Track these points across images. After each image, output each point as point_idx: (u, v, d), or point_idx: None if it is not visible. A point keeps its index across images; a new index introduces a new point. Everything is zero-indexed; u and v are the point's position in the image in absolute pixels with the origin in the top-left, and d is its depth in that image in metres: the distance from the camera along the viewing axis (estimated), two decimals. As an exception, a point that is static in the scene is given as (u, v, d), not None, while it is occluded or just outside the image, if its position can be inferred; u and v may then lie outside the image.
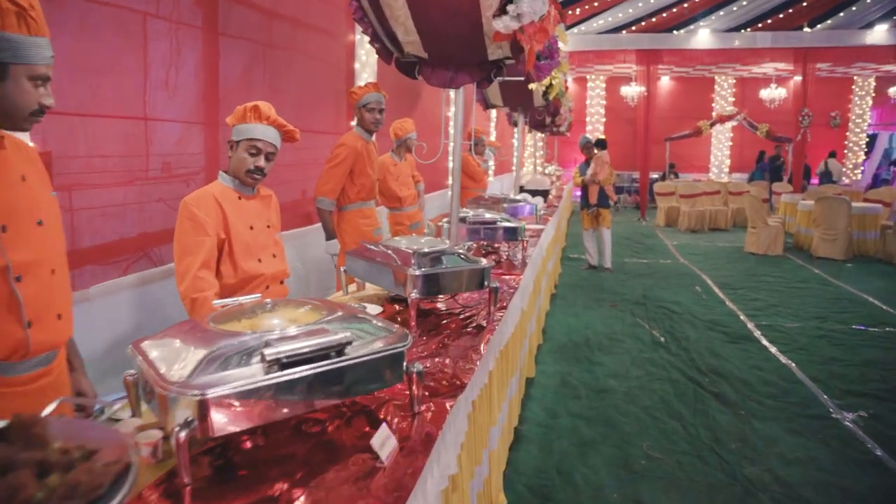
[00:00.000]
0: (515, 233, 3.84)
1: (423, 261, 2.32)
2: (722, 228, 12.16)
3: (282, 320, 1.45)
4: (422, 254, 2.35)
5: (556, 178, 12.29)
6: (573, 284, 6.86)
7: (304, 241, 4.39)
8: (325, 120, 4.89)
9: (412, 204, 5.35)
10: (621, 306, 5.89)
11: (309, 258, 4.52)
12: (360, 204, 3.68)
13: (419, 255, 2.34)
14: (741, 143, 17.69)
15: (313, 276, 4.45)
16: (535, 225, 5.35)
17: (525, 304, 3.34)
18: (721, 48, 12.66)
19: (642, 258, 8.77)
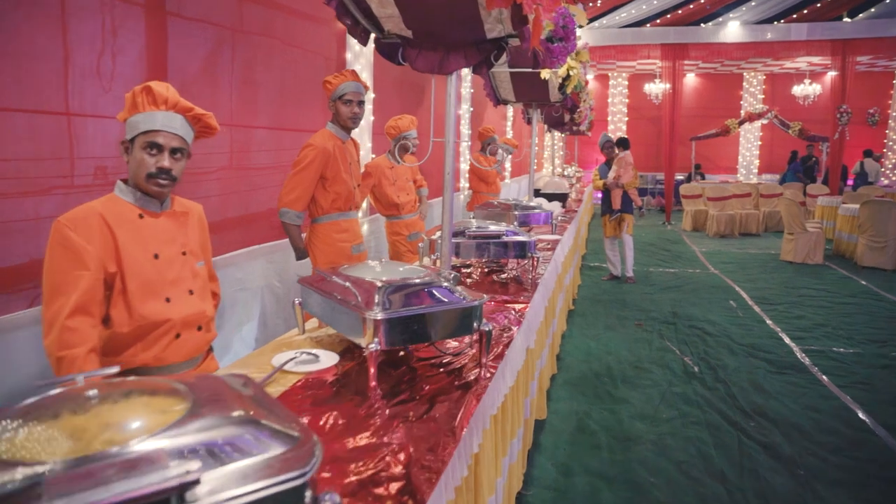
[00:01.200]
0: (524, 249, 3.25)
1: (391, 298, 1.74)
2: (753, 233, 11.40)
3: (96, 428, 0.87)
4: (390, 287, 1.77)
5: (575, 179, 11.64)
6: (594, 298, 6.22)
7: (285, 256, 3.84)
8: (311, 117, 4.34)
9: (411, 211, 4.78)
10: (647, 325, 5.25)
11: (289, 277, 3.96)
12: (335, 215, 3.11)
13: (386, 289, 1.76)
14: (771, 142, 16.87)
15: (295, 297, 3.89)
16: (550, 235, 4.74)
17: (532, 340, 2.74)
18: (752, 41, 11.90)
19: (669, 267, 8.10)
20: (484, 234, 3.22)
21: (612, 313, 5.63)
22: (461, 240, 3.20)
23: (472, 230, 3.24)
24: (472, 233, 3.22)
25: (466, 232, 3.22)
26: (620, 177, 6.75)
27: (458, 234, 3.22)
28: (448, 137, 2.73)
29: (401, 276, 1.89)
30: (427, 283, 1.86)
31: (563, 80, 4.83)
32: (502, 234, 3.23)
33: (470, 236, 3.21)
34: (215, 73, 3.31)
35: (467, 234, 3.21)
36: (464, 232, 3.21)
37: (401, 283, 1.80)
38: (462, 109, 8.15)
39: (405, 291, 1.79)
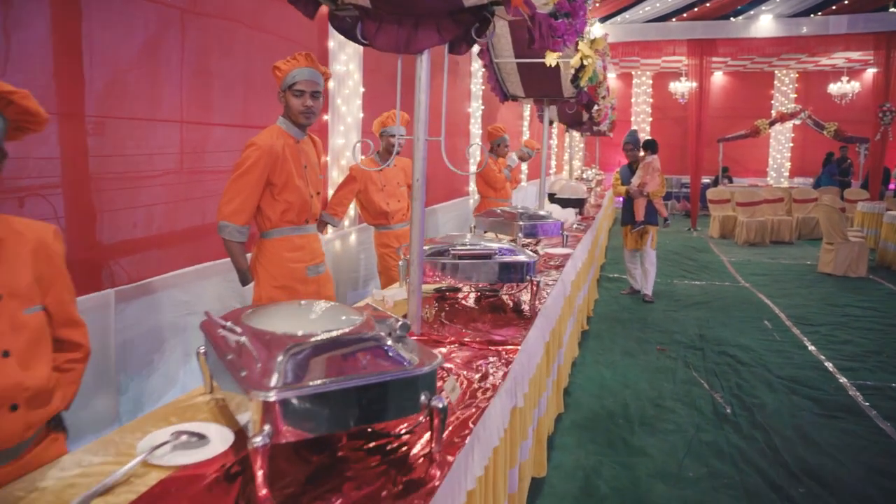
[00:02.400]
0: (523, 271, 2.69)
1: (296, 364, 1.19)
2: (785, 241, 10.65)
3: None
4: (297, 349, 1.22)
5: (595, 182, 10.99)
6: (611, 317, 5.61)
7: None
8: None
9: (403, 220, 4.22)
10: (671, 351, 4.63)
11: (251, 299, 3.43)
12: (287, 230, 2.55)
13: (290, 352, 1.21)
14: (803, 144, 16.04)
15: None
16: (560, 249, 4.15)
17: (521, 396, 2.16)
18: (785, 36, 11.14)
19: (695, 279, 7.43)
20: (472, 253, 2.65)
21: (632, 335, 5.01)
22: (445, 260, 2.64)
23: (458, 248, 2.67)
24: (459, 251, 2.66)
25: (451, 251, 2.66)
26: (646, 184, 6.04)
27: (441, 253, 2.66)
28: (418, 133, 2.18)
29: (323, 326, 1.33)
30: (356, 339, 1.30)
31: (577, 71, 4.23)
32: (494, 253, 2.66)
33: (456, 256, 2.65)
34: (157, 61, 2.79)
35: (452, 254, 2.64)
36: (447, 251, 2.65)
37: (316, 343, 1.25)
38: (472, 107, 7.59)
39: (319, 354, 1.23)
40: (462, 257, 2.64)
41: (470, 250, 2.66)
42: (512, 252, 2.73)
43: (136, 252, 2.79)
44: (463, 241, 2.77)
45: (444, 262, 2.63)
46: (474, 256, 2.65)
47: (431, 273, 2.64)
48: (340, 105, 4.25)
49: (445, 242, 2.73)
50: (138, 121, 2.72)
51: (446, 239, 2.85)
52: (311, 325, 1.35)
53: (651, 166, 6.05)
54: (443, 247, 2.68)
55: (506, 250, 2.73)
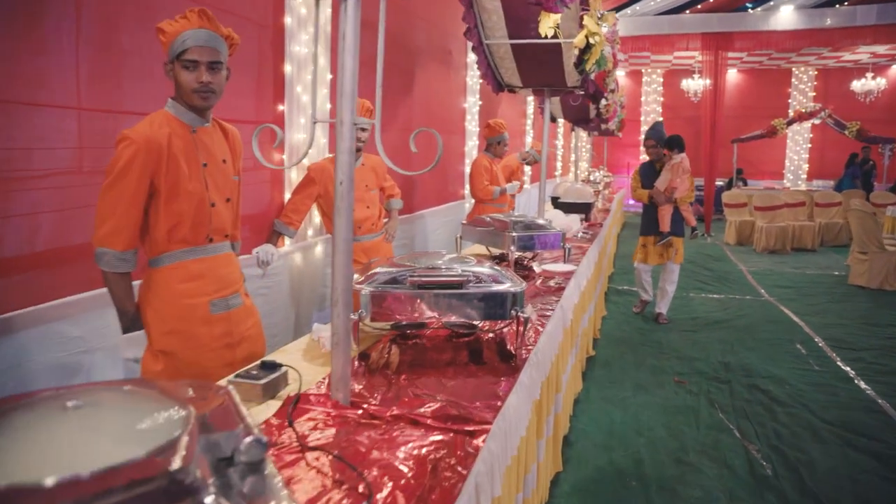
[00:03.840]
0: (504, 305, 2.03)
1: None
2: (808, 249, 9.91)
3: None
4: None
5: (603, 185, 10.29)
6: (620, 338, 4.92)
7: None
8: (238, 104, 3.17)
9: (373, 231, 3.56)
10: (691, 382, 3.94)
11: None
12: (179, 253, 1.88)
13: None
14: (822, 144, 15.28)
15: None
16: (559, 266, 3.48)
17: (499, 489, 1.49)
18: (808, 28, 10.40)
19: (713, 292, 6.73)
20: (437, 280, 1.99)
21: (645, 362, 4.32)
22: (401, 290, 1.98)
23: (420, 274, 2.01)
24: (421, 278, 2.00)
25: (410, 277, 2.00)
26: (676, 188, 5.19)
27: (396, 281, 2.00)
28: (341, 114, 1.51)
29: (76, 465, 0.66)
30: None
31: (582, 52, 3.56)
32: (467, 280, 2.00)
33: (415, 285, 1.99)
34: (43, 33, 2.14)
35: (410, 282, 1.99)
36: (404, 278, 2.00)
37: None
38: (468, 103, 6.92)
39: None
40: (423, 286, 1.98)
41: (435, 277, 2.00)
42: (493, 279, 2.07)
43: (8, 275, 2.14)
44: (432, 263, 2.12)
45: (401, 294, 1.97)
46: (440, 285, 1.99)
47: (383, 309, 1.98)
48: (301, 94, 3.59)
49: (405, 266, 2.07)
50: (14, 105, 2.07)
51: (411, 259, 2.19)
52: (55, 464, 0.68)
53: (680, 167, 5.20)
54: (400, 271, 2.02)
55: (486, 276, 2.07)
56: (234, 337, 1.98)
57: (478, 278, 2.06)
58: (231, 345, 1.96)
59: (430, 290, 1.97)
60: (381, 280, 2.02)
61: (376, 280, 2.02)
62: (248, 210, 3.32)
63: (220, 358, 1.92)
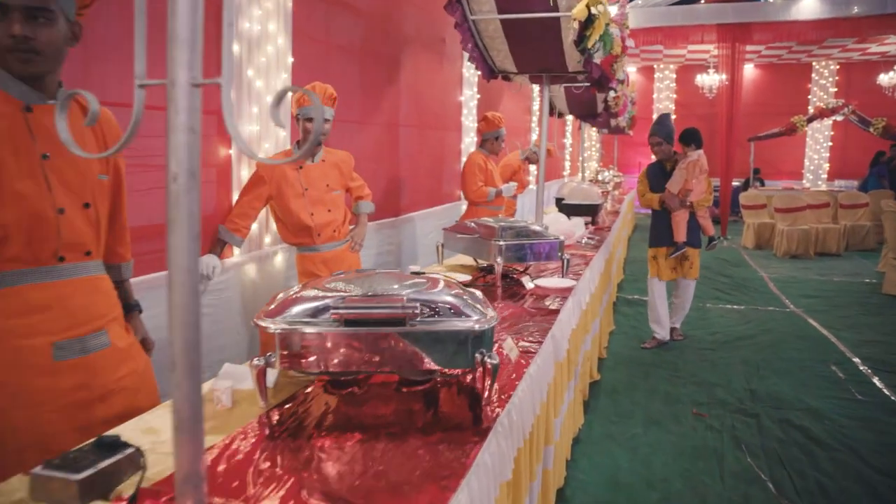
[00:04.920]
0: (467, 349, 1.51)
1: None
2: (832, 253, 9.27)
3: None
4: None
5: (613, 185, 9.71)
6: (630, 359, 4.35)
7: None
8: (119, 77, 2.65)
9: (335, 238, 3.02)
10: (713, 415, 3.37)
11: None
12: (12, 276, 1.32)
13: None
14: (844, 143, 14.58)
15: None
16: (556, 280, 2.93)
17: None
18: (833, 17, 9.74)
19: (732, 301, 6.14)
20: (371, 314, 1.46)
21: (658, 389, 3.75)
22: (321, 328, 1.46)
23: (345, 304, 1.48)
24: (346, 310, 1.47)
25: (336, 307, 1.47)
26: (689, 188, 4.39)
27: (314, 314, 1.48)
28: (174, 72, 0.96)
29: None
30: None
31: (582, 28, 3.01)
32: (410, 315, 1.46)
33: (338, 321, 1.46)
34: None
35: (335, 313, 1.46)
36: (325, 310, 1.47)
37: None
38: (464, 96, 6.37)
39: None
40: (352, 322, 1.45)
41: (369, 308, 1.46)
42: (454, 310, 1.53)
43: None
44: (376, 287, 1.60)
45: (319, 334, 1.44)
46: (374, 321, 1.45)
47: (296, 353, 1.46)
48: (253, 78, 3.06)
49: (335, 292, 1.54)
50: None
51: (350, 280, 1.66)
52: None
53: (697, 166, 4.37)
54: (326, 300, 1.49)
55: (443, 306, 1.53)
56: (94, 391, 1.45)
57: (432, 309, 1.52)
58: (87, 402, 1.43)
59: (361, 327, 1.44)
60: (298, 312, 1.48)
61: (290, 313, 1.49)
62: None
63: (68, 420, 1.39)
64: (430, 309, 1.51)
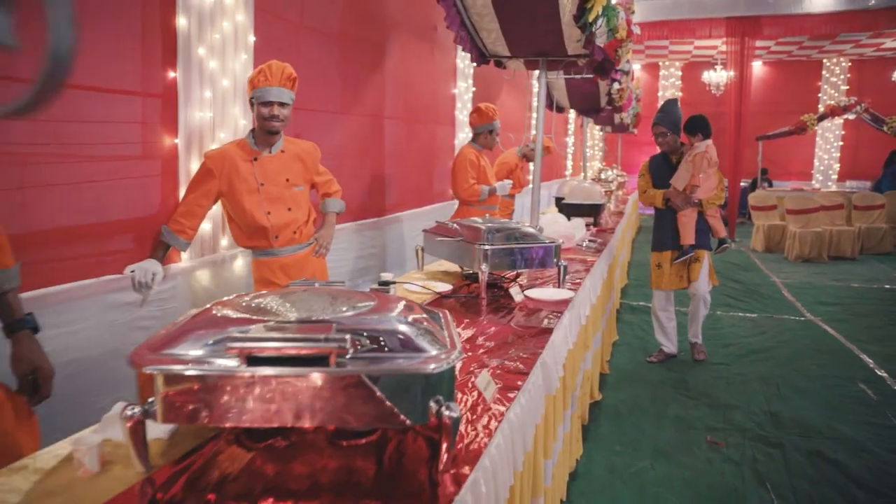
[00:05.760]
0: (405, 402, 1.09)
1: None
2: (846, 257, 8.83)
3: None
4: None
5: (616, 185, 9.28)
6: (635, 375, 3.94)
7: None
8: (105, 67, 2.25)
9: (296, 241, 2.63)
10: (730, 443, 2.96)
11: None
12: None
13: None
14: (856, 142, 14.15)
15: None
16: (551, 292, 2.53)
17: None
18: (848, 10, 9.32)
19: (745, 309, 5.73)
20: (279, 348, 1.06)
21: (666, 412, 3.34)
22: (209, 369, 1.06)
23: (251, 335, 1.08)
24: (248, 343, 1.06)
25: (228, 342, 1.06)
26: (698, 186, 3.89)
27: (211, 346, 1.08)
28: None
29: None
30: None
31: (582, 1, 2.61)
32: (336, 351, 1.06)
33: (238, 357, 1.06)
34: None
35: (227, 350, 1.06)
36: (223, 341, 1.07)
37: None
38: (458, 89, 5.97)
39: None
40: (256, 360, 1.06)
41: (281, 340, 1.07)
42: (403, 342, 1.14)
43: None
44: (303, 307, 1.22)
45: (211, 377, 1.05)
46: (286, 359, 1.06)
47: (182, 403, 1.07)
48: (205, 58, 2.67)
49: (248, 313, 1.15)
50: None
51: (272, 299, 1.28)
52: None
53: (704, 158, 3.83)
54: (237, 323, 1.11)
55: (390, 336, 1.15)
56: None
57: (374, 341, 1.13)
58: None
59: (269, 367, 1.05)
60: (190, 344, 1.10)
61: (180, 345, 1.10)
62: (128, 213, 2.43)
63: None
64: (372, 341, 1.12)
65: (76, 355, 2.29)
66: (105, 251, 2.37)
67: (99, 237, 2.34)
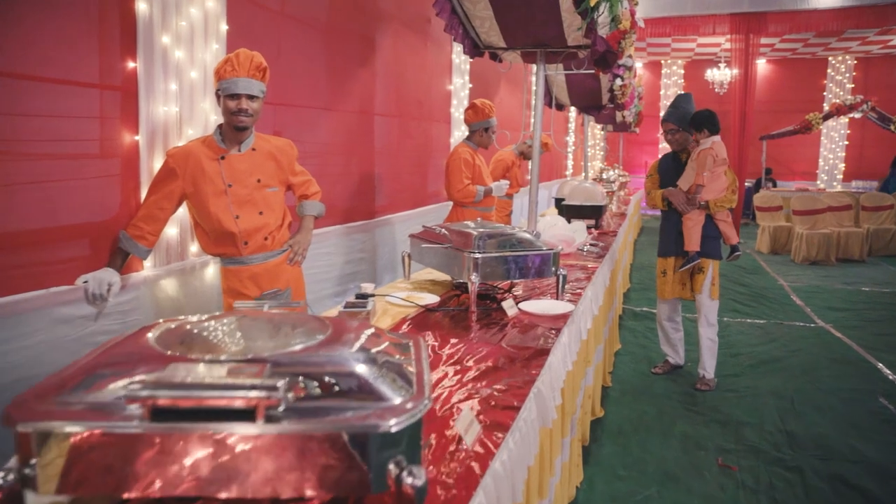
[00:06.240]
0: (352, 468, 0.84)
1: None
2: (855, 259, 8.59)
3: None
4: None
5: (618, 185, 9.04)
6: (639, 389, 3.70)
7: None
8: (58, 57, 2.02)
9: (268, 248, 2.38)
10: (743, 468, 2.72)
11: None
12: None
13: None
14: (861, 142, 13.91)
15: None
16: (548, 304, 2.29)
17: None
18: (857, 5, 9.06)
19: (753, 315, 5.49)
20: (192, 398, 0.81)
21: (673, 430, 3.10)
22: (102, 423, 0.81)
23: (157, 381, 0.82)
24: (151, 391, 0.81)
25: (128, 392, 0.81)
26: (703, 186, 3.54)
27: (108, 404, 0.83)
28: None
29: None
30: None
31: (584, -18, 2.37)
32: (266, 402, 0.82)
33: (138, 408, 0.81)
34: None
35: (125, 401, 0.81)
36: (121, 394, 0.81)
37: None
38: (454, 85, 5.74)
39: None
40: (159, 414, 0.82)
41: (192, 389, 0.83)
42: (360, 386, 0.91)
43: None
44: (256, 339, 0.98)
45: (103, 435, 0.81)
46: (203, 412, 0.82)
47: (67, 470, 0.83)
48: (170, 47, 2.43)
49: (169, 346, 0.91)
50: None
51: (223, 322, 1.04)
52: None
53: (709, 155, 3.52)
54: (145, 365, 0.86)
55: (342, 377, 0.91)
56: None
57: (321, 385, 0.90)
58: None
59: (179, 423, 0.82)
60: (81, 390, 0.87)
61: (70, 391, 0.87)
62: (82, 217, 2.20)
63: None
64: (319, 385, 0.89)
65: (22, 374, 2.05)
66: (56, 259, 2.14)
67: (49, 244, 2.11)
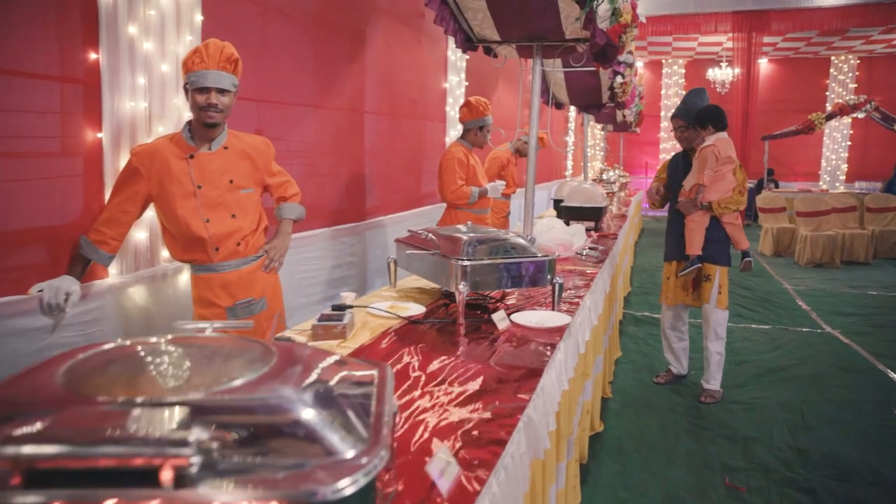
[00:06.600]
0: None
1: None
2: (860, 261, 8.41)
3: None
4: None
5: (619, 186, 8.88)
6: (640, 401, 3.52)
7: None
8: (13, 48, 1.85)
9: (241, 254, 2.20)
10: (752, 489, 2.55)
11: None
12: None
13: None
14: (864, 142, 13.75)
15: None
16: (544, 316, 2.12)
17: None
18: (861, 3, 8.90)
19: (757, 320, 5.31)
20: (62, 459, 0.63)
21: (677, 447, 2.92)
22: None
23: (38, 430, 0.63)
24: (29, 449, 0.62)
25: (6, 447, 0.62)
26: (705, 185, 3.36)
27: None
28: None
29: None
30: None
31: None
32: (169, 460, 0.64)
33: (19, 472, 0.62)
34: None
35: (8, 462, 0.60)
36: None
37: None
38: (450, 83, 5.56)
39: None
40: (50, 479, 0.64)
41: (83, 449, 0.64)
42: (305, 434, 0.74)
43: None
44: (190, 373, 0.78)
45: None
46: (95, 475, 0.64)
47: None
48: (137, 38, 2.26)
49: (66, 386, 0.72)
50: None
51: (164, 350, 0.86)
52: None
53: (711, 153, 3.34)
54: (16, 413, 0.67)
55: (280, 424, 0.73)
56: None
57: (252, 436, 0.72)
58: None
59: (67, 490, 0.64)
60: None
61: None
62: (40, 220, 2.03)
63: None
64: (248, 435, 0.71)
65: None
66: (9, 266, 1.97)
67: (1, 249, 1.94)
